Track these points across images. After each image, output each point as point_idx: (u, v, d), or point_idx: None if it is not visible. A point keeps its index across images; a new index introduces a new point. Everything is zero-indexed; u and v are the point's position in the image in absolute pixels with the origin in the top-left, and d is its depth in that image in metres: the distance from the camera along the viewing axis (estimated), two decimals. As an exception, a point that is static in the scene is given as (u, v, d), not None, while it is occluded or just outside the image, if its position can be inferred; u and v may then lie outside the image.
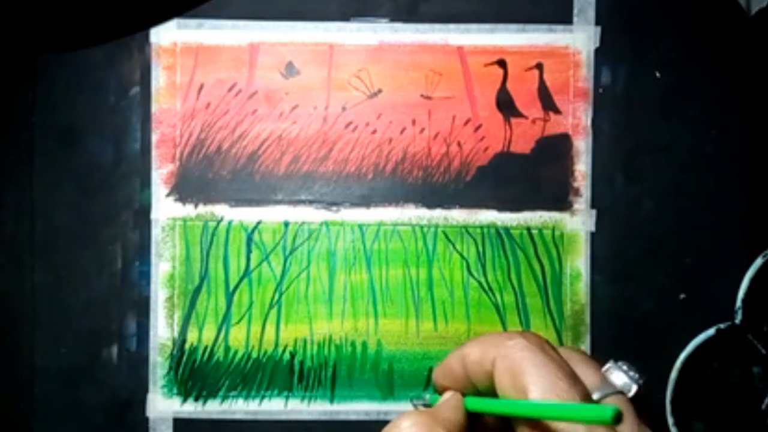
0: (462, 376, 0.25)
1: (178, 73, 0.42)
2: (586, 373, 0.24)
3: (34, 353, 0.42)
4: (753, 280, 0.42)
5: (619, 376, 0.24)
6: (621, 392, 0.24)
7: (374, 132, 0.43)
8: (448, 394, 0.26)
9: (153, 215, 0.42)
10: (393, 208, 0.43)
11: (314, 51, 0.43)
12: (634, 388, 0.24)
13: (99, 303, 0.42)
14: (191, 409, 0.42)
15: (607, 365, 0.25)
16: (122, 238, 0.42)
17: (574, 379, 0.22)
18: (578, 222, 0.43)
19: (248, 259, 0.43)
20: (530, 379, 0.22)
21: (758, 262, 0.42)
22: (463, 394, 0.26)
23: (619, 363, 0.24)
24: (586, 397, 0.22)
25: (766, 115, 0.43)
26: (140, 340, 0.42)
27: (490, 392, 0.24)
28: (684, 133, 0.43)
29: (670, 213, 0.43)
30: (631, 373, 0.24)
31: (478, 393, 0.25)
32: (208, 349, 0.42)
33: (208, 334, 0.42)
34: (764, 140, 0.43)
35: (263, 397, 0.42)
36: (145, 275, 0.42)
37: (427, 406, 0.28)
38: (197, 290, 0.42)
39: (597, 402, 0.23)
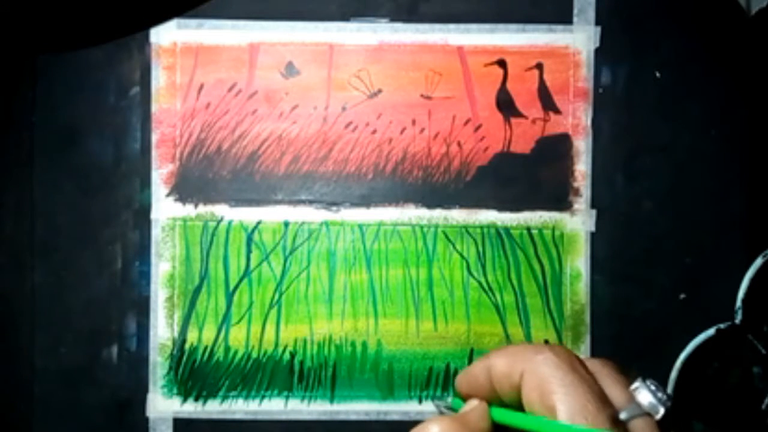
0: (487, 386, 0.25)
1: (178, 73, 0.42)
2: (614, 391, 0.23)
3: (34, 353, 0.42)
4: (753, 280, 0.42)
5: (646, 396, 0.24)
6: (648, 414, 0.23)
7: (374, 132, 0.43)
8: (474, 402, 0.26)
9: (153, 215, 0.42)
10: (393, 208, 0.43)
11: (314, 51, 0.43)
12: (661, 411, 0.23)
13: (99, 303, 0.42)
14: (191, 409, 0.42)
15: (636, 384, 0.24)
16: (122, 238, 0.42)
17: (603, 402, 0.22)
18: (578, 222, 0.43)
19: (248, 259, 0.43)
20: (558, 399, 0.22)
21: (758, 262, 0.42)
22: (488, 403, 0.26)
23: (648, 382, 0.24)
24: (614, 420, 0.22)
25: (766, 115, 0.43)
26: (140, 340, 0.42)
27: (516, 404, 0.24)
28: (684, 133, 0.43)
29: (670, 213, 0.43)
30: (660, 395, 0.23)
31: (503, 403, 0.25)
32: (208, 349, 0.42)
33: (208, 334, 0.42)
34: (764, 140, 0.43)
35: (263, 397, 0.42)
36: (145, 275, 0.42)
37: (450, 409, 0.27)
38: (197, 290, 0.42)
39: (624, 422, 0.23)
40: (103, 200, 0.42)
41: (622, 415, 0.23)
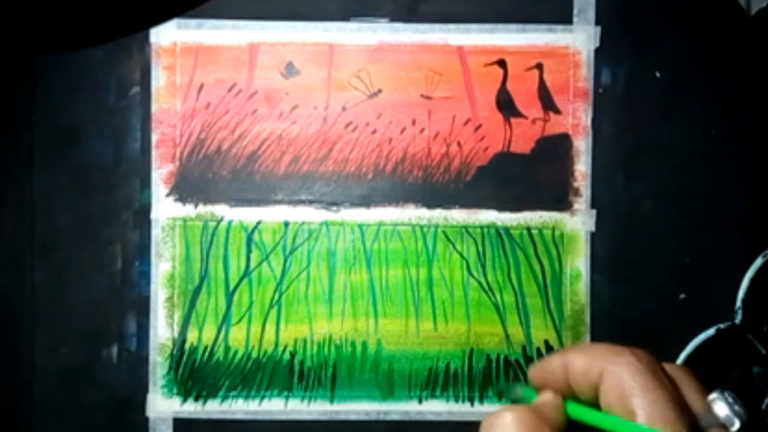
0: (562, 381, 0.25)
1: (178, 73, 0.42)
2: (692, 399, 0.24)
3: (34, 353, 0.42)
4: (753, 280, 0.42)
5: (723, 407, 0.23)
6: (723, 425, 0.23)
7: (374, 132, 0.43)
8: (549, 395, 0.26)
9: (153, 215, 0.42)
10: (393, 208, 0.43)
11: (314, 51, 0.43)
12: (737, 424, 0.23)
13: (99, 303, 0.42)
14: (191, 409, 0.42)
15: (713, 394, 0.24)
16: (122, 238, 0.42)
17: (683, 409, 0.22)
18: (578, 222, 0.43)
19: (248, 259, 0.43)
20: (639, 403, 0.22)
21: (758, 262, 0.42)
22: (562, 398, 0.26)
23: (726, 394, 0.24)
24: (693, 429, 0.22)
25: (766, 115, 0.43)
26: (140, 340, 0.42)
27: (591, 402, 0.24)
28: (684, 133, 0.43)
29: (670, 213, 0.43)
30: (737, 408, 0.23)
31: (577, 399, 0.25)
32: (208, 349, 0.42)
33: (208, 334, 0.42)
34: (764, 140, 0.43)
35: (263, 397, 0.42)
36: (145, 275, 0.42)
37: (518, 400, 0.27)
38: (197, 290, 0.42)
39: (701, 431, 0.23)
40: (103, 200, 0.42)
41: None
